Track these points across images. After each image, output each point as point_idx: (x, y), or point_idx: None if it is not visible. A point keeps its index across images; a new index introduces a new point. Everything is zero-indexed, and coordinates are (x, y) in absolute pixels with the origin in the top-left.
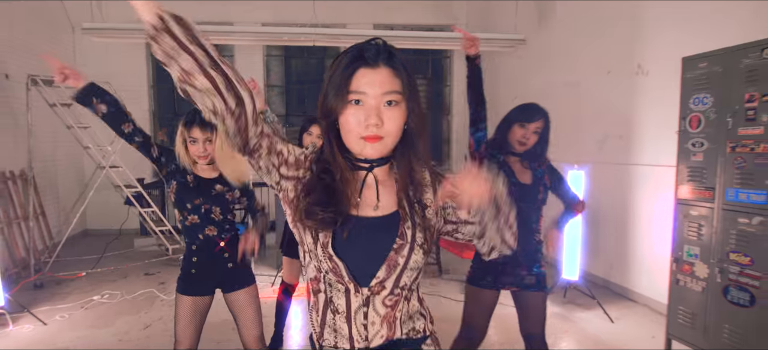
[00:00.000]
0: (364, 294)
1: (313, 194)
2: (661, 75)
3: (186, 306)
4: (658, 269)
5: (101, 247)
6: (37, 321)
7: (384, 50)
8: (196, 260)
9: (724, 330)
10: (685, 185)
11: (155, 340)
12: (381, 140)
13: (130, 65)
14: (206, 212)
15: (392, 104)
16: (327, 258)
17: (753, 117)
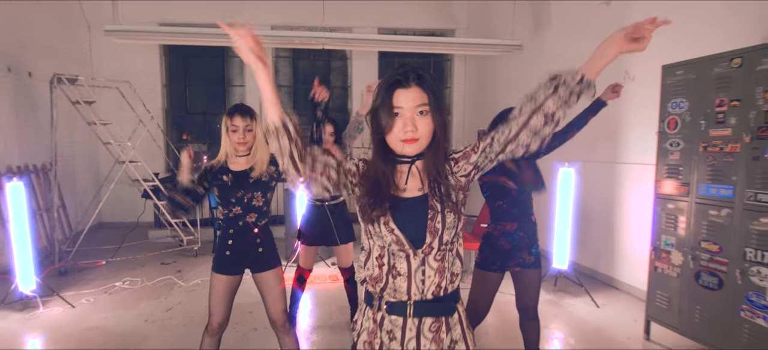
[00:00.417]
0: (420, 256)
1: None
2: (646, 81)
3: (221, 283)
4: (640, 259)
5: (116, 239)
6: (65, 304)
7: (413, 73)
8: (231, 243)
9: (695, 312)
10: (663, 181)
11: (178, 320)
12: (417, 141)
13: (144, 64)
14: (248, 201)
15: (423, 114)
16: (389, 232)
17: (722, 120)
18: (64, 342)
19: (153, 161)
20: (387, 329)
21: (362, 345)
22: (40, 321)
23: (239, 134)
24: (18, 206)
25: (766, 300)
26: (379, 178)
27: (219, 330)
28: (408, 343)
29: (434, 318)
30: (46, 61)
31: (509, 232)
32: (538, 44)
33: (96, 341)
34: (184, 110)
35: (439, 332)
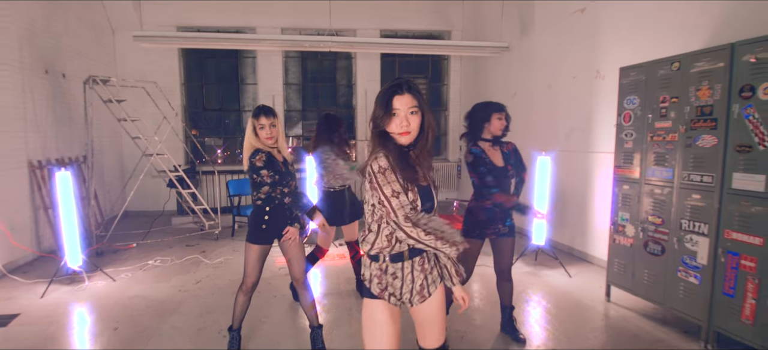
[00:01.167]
0: None
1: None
2: (614, 80)
3: (256, 251)
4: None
5: (142, 225)
6: (107, 278)
7: (406, 84)
8: (268, 218)
9: (644, 275)
10: (620, 167)
11: (207, 290)
12: (409, 133)
13: (163, 64)
14: (288, 184)
15: (413, 113)
16: (418, 197)
17: (665, 114)
18: (110, 308)
19: (175, 154)
20: (390, 272)
21: (375, 288)
22: (87, 292)
23: (266, 131)
24: (66, 192)
25: (696, 262)
26: (399, 158)
27: (252, 289)
28: (406, 277)
29: (420, 255)
30: (77, 63)
31: (486, 208)
32: (524, 46)
33: (139, 306)
34: (200, 106)
35: (423, 264)
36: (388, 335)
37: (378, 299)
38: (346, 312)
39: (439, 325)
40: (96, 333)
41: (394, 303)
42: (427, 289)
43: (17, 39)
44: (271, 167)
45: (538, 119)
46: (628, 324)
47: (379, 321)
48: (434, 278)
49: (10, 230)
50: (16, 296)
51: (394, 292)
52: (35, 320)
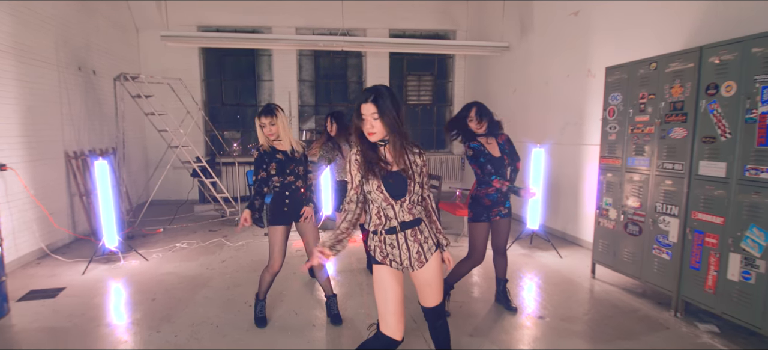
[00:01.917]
0: (398, 204)
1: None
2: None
3: (280, 232)
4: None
5: (166, 212)
6: (140, 258)
7: (371, 94)
8: (288, 202)
9: (625, 253)
10: (604, 157)
11: (232, 268)
12: (374, 134)
13: (184, 62)
14: (298, 171)
15: (376, 119)
16: (379, 192)
17: (643, 109)
18: (146, 283)
19: (197, 145)
20: (388, 243)
21: (378, 256)
22: (123, 269)
23: (267, 129)
24: (104, 179)
25: (668, 240)
26: (364, 153)
27: (277, 273)
28: (402, 246)
29: (411, 228)
30: (106, 60)
31: (490, 194)
32: (523, 45)
33: (172, 281)
34: (219, 101)
35: (415, 235)
36: (393, 292)
37: (382, 264)
38: (358, 286)
39: (437, 287)
40: (136, 303)
41: (396, 268)
42: (424, 255)
43: (54, 38)
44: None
45: (536, 114)
46: (609, 297)
47: (385, 282)
48: (430, 246)
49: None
50: (60, 273)
51: (395, 259)
52: (80, 293)
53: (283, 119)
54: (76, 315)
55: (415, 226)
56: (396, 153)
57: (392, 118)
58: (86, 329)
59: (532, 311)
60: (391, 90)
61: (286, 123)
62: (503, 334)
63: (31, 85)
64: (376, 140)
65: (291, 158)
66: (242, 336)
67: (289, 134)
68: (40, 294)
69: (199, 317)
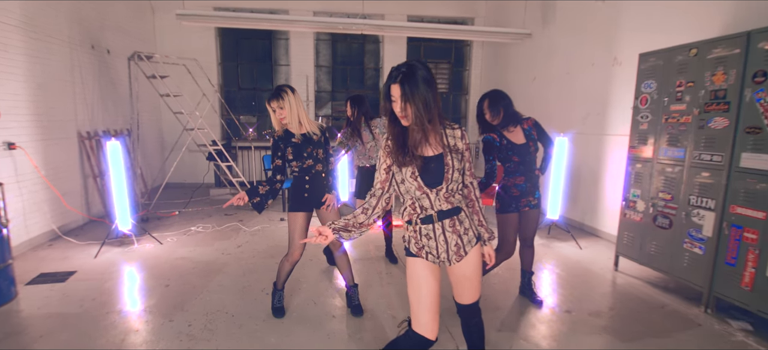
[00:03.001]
0: (434, 192)
1: (394, 148)
2: (631, 66)
3: (300, 219)
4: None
5: (181, 195)
6: (154, 241)
7: (396, 73)
8: (308, 187)
9: (652, 247)
10: (634, 147)
11: (248, 253)
12: (405, 117)
13: (201, 44)
14: (316, 155)
15: (406, 101)
16: (414, 180)
17: (680, 98)
18: (160, 268)
19: (213, 129)
20: (424, 234)
21: (413, 248)
22: (136, 253)
23: (278, 113)
24: (116, 160)
25: (701, 234)
26: (396, 138)
27: (296, 261)
28: (439, 238)
29: (450, 218)
30: (120, 40)
31: (519, 184)
32: (545, 34)
33: (186, 267)
34: (235, 85)
35: (454, 226)
36: (428, 288)
37: (417, 257)
38: (377, 275)
39: (475, 283)
40: (149, 289)
41: (432, 261)
42: (464, 248)
43: (66, 14)
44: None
45: (556, 103)
46: (634, 290)
47: (420, 275)
48: (470, 238)
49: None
50: (71, 255)
51: (431, 251)
52: (91, 276)
53: (292, 101)
54: (86, 301)
55: (454, 216)
56: (431, 137)
57: (424, 100)
58: (96, 316)
59: (558, 304)
60: (425, 66)
61: (298, 104)
62: (530, 329)
63: (42, 62)
64: (408, 124)
65: (308, 140)
66: (259, 326)
67: (303, 116)
68: (50, 277)
69: (213, 305)
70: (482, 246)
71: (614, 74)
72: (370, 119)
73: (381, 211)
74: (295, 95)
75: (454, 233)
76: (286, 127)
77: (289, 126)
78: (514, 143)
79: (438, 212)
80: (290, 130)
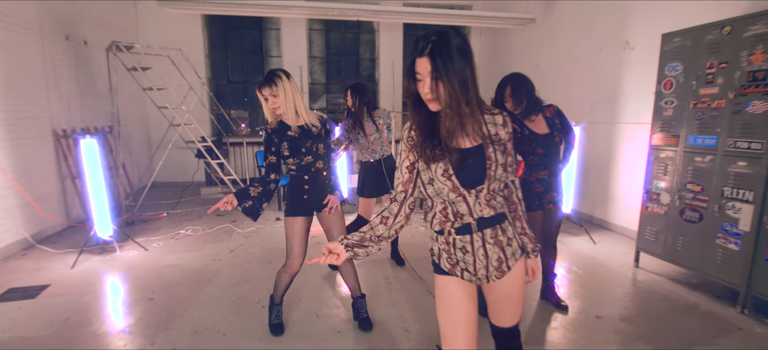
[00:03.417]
0: (473, 194)
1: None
2: (645, 49)
3: (299, 225)
4: (630, 204)
5: (170, 196)
6: (139, 247)
7: (424, 42)
8: (308, 188)
9: (679, 242)
10: (657, 135)
11: (241, 259)
12: (435, 100)
13: (187, 35)
14: (316, 150)
15: (436, 79)
16: (447, 180)
17: (711, 80)
18: (144, 278)
19: (202, 125)
20: (459, 246)
21: (445, 264)
22: (119, 261)
23: (271, 101)
24: (93, 160)
25: (738, 229)
26: (423, 127)
27: (296, 273)
28: (477, 252)
29: (492, 227)
30: (99, 31)
31: (542, 178)
32: (549, 19)
33: (173, 276)
34: (225, 78)
35: (497, 236)
36: (465, 313)
37: (450, 275)
38: (384, 280)
39: (517, 302)
40: (131, 304)
41: (469, 280)
42: (506, 263)
43: (35, 2)
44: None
45: (562, 91)
46: (660, 289)
47: (454, 298)
48: (514, 250)
49: (36, 200)
50: (46, 266)
51: (467, 267)
52: (66, 290)
53: (287, 87)
54: (57, 321)
55: (497, 224)
56: (469, 125)
57: (461, 76)
58: (68, 338)
59: (584, 309)
60: (459, 33)
61: (295, 92)
62: (561, 340)
63: (7, 54)
64: (439, 108)
65: (307, 134)
66: (255, 346)
67: (300, 105)
68: (18, 293)
69: (203, 321)
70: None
71: (625, 59)
72: (373, 110)
73: (404, 219)
74: (291, 80)
75: (495, 245)
76: (280, 118)
77: (284, 117)
78: (536, 133)
79: (478, 219)
80: (285, 122)
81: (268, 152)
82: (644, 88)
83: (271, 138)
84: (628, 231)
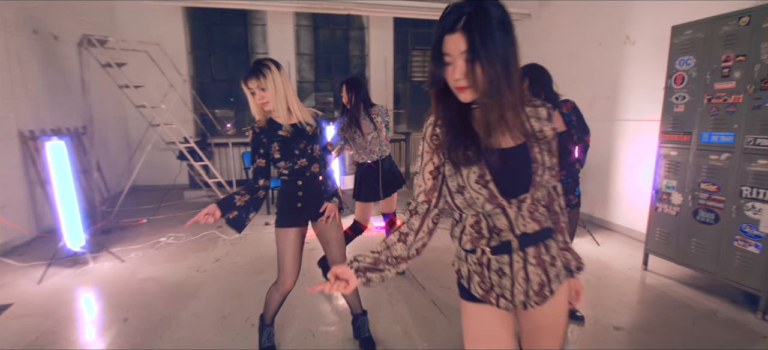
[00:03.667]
0: (515, 204)
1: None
2: (648, 44)
3: (293, 237)
4: (633, 203)
5: (151, 200)
6: (114, 258)
7: (457, 14)
8: (302, 194)
9: (691, 244)
10: (668, 132)
11: (227, 269)
12: (467, 89)
13: (167, 31)
14: (311, 152)
15: (471, 61)
16: (483, 188)
17: (727, 74)
18: (119, 293)
19: (185, 125)
20: (495, 268)
21: (477, 289)
22: (92, 275)
23: (258, 95)
24: (60, 164)
25: (758, 231)
26: (451, 122)
27: (289, 291)
28: (517, 275)
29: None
30: (71, 25)
31: (560, 179)
32: (545, 13)
33: (151, 291)
34: (209, 77)
35: (540, 256)
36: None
37: (482, 302)
38: (384, 291)
39: (558, 331)
40: (103, 326)
41: (505, 307)
42: (549, 287)
43: None
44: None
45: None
46: (674, 294)
47: (489, 331)
48: (558, 271)
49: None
50: (9, 282)
51: (503, 292)
52: (31, 311)
53: (277, 79)
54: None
55: (542, 241)
56: (510, 120)
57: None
58: None
59: (600, 319)
60: (500, 4)
61: (286, 85)
62: None
63: None
64: (471, 99)
65: (300, 133)
66: None
67: (292, 101)
68: None
69: (184, 344)
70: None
71: (626, 55)
72: (370, 107)
73: (427, 235)
74: (282, 72)
75: (538, 266)
76: (270, 115)
77: (273, 114)
78: (558, 131)
79: (520, 236)
80: (276, 120)
81: (256, 155)
82: (646, 84)
83: (258, 138)
84: (630, 232)
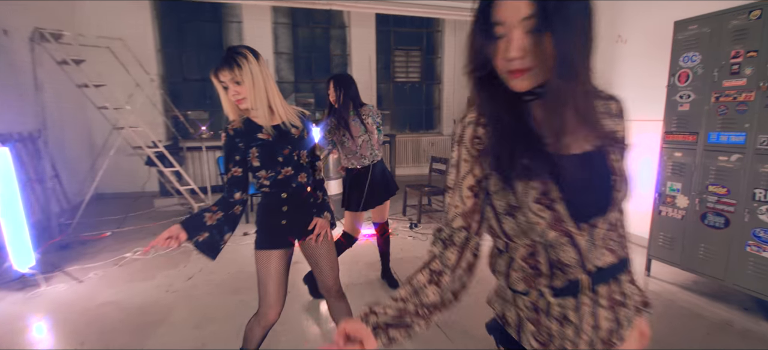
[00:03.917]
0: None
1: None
2: (639, 42)
3: (276, 261)
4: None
5: (118, 209)
6: (70, 279)
7: None
8: (287, 209)
9: (699, 249)
10: (671, 132)
11: (201, 288)
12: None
13: (134, 28)
14: (297, 158)
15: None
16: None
17: (737, 71)
18: (74, 321)
19: (154, 128)
20: (556, 314)
21: (531, 342)
22: (43, 299)
23: (232, 90)
24: (5, 174)
25: None
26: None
27: (275, 321)
28: (584, 321)
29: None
30: (24, 19)
31: None
32: None
33: (111, 317)
34: (180, 76)
35: (612, 295)
36: None
37: None
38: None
39: None
40: None
41: None
42: (618, 333)
43: None
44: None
45: None
46: (680, 302)
47: None
48: (628, 311)
49: None
50: None
51: (564, 345)
52: None
53: (255, 71)
54: None
55: (615, 276)
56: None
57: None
58: None
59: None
60: None
61: (267, 79)
62: None
63: None
64: (528, 87)
65: (284, 136)
66: None
67: (274, 97)
68: None
69: None
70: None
71: (618, 54)
72: (360, 106)
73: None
74: (261, 62)
75: (609, 310)
76: (247, 115)
77: (252, 114)
78: None
79: (595, 273)
80: (254, 120)
81: (230, 162)
82: (640, 83)
83: (233, 142)
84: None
